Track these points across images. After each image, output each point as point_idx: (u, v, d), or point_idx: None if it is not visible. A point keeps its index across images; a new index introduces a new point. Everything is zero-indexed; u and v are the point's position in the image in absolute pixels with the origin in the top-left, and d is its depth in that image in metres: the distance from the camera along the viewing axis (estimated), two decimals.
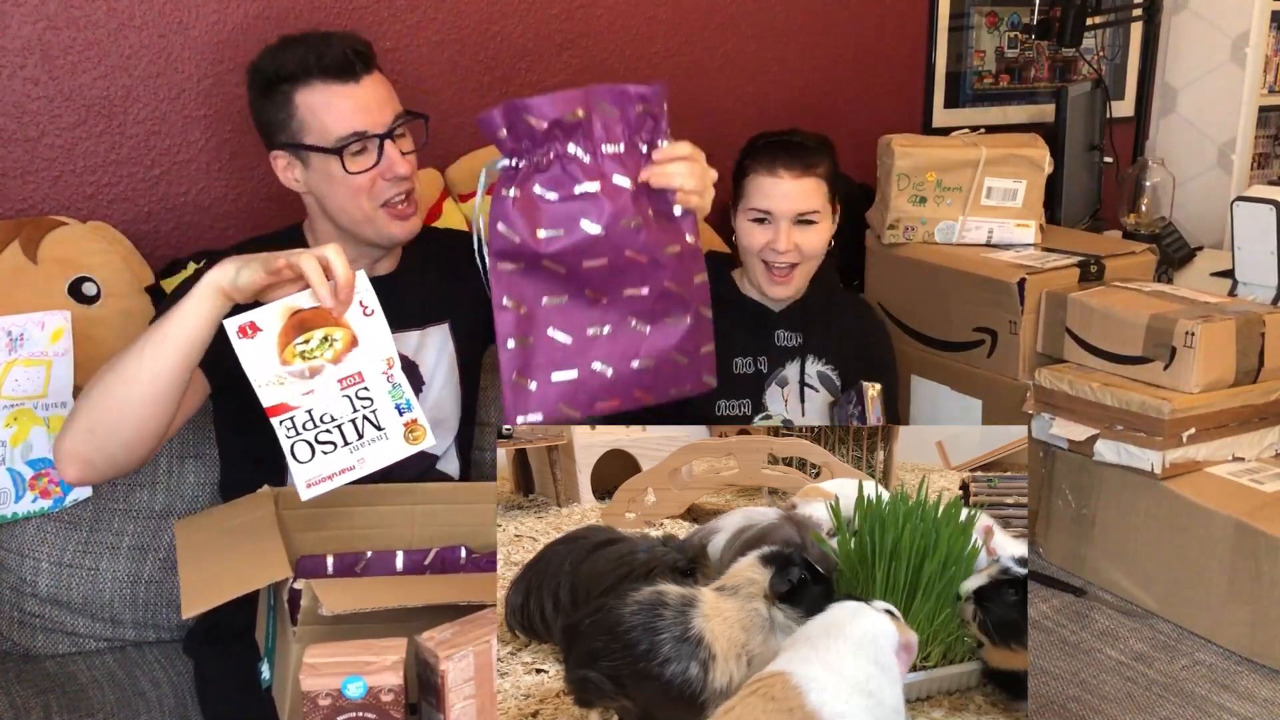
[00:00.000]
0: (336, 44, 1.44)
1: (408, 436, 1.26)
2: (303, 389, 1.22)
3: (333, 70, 1.43)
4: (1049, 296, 2.05)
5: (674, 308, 1.32)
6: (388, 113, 1.47)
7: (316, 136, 1.45)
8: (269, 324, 1.21)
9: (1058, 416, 1.98)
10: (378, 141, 1.45)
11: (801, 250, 1.81)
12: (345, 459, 1.24)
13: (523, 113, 1.23)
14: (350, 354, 1.23)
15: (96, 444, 1.29)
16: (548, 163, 1.25)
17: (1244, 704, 1.63)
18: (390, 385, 1.25)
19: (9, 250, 1.68)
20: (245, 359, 1.20)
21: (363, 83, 1.45)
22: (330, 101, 1.44)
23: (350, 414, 1.24)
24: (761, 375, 1.89)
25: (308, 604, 1.16)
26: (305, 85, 1.44)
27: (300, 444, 1.22)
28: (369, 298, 1.24)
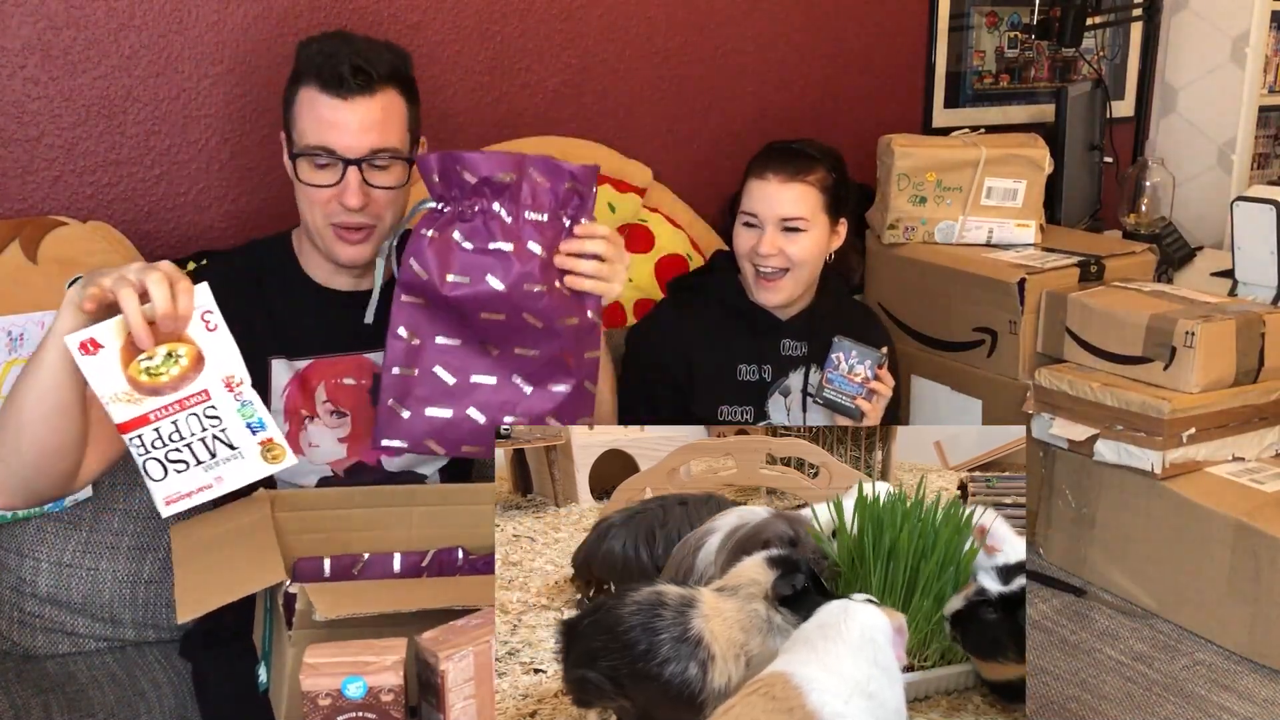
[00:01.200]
0: (346, 55, 1.41)
1: (265, 455, 1.23)
2: (150, 406, 1.18)
3: (325, 80, 1.41)
4: (1049, 296, 2.06)
5: (560, 375, 1.39)
6: (365, 140, 1.41)
7: (295, 135, 1.45)
8: (108, 340, 1.17)
9: (1058, 416, 1.98)
10: (342, 166, 1.41)
11: (788, 256, 1.80)
12: (200, 478, 1.21)
13: (457, 164, 1.31)
14: (196, 371, 1.20)
15: (9, 470, 1.27)
16: (471, 214, 1.33)
17: (1244, 704, 1.63)
18: (239, 403, 1.22)
19: (9, 250, 1.68)
20: (90, 376, 1.17)
21: (351, 102, 1.40)
22: (312, 109, 1.42)
23: (200, 433, 1.20)
24: (765, 384, 1.89)
25: (302, 608, 1.16)
26: (305, 84, 1.43)
27: (152, 462, 1.19)
28: (211, 313, 1.21)
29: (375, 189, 1.43)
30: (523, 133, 2.18)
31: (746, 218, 1.83)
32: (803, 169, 1.80)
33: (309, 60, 1.43)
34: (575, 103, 2.24)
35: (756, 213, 1.81)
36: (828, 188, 1.83)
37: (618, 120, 2.30)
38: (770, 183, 1.80)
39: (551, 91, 2.21)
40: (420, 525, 1.44)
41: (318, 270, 1.54)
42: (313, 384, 1.52)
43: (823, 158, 1.84)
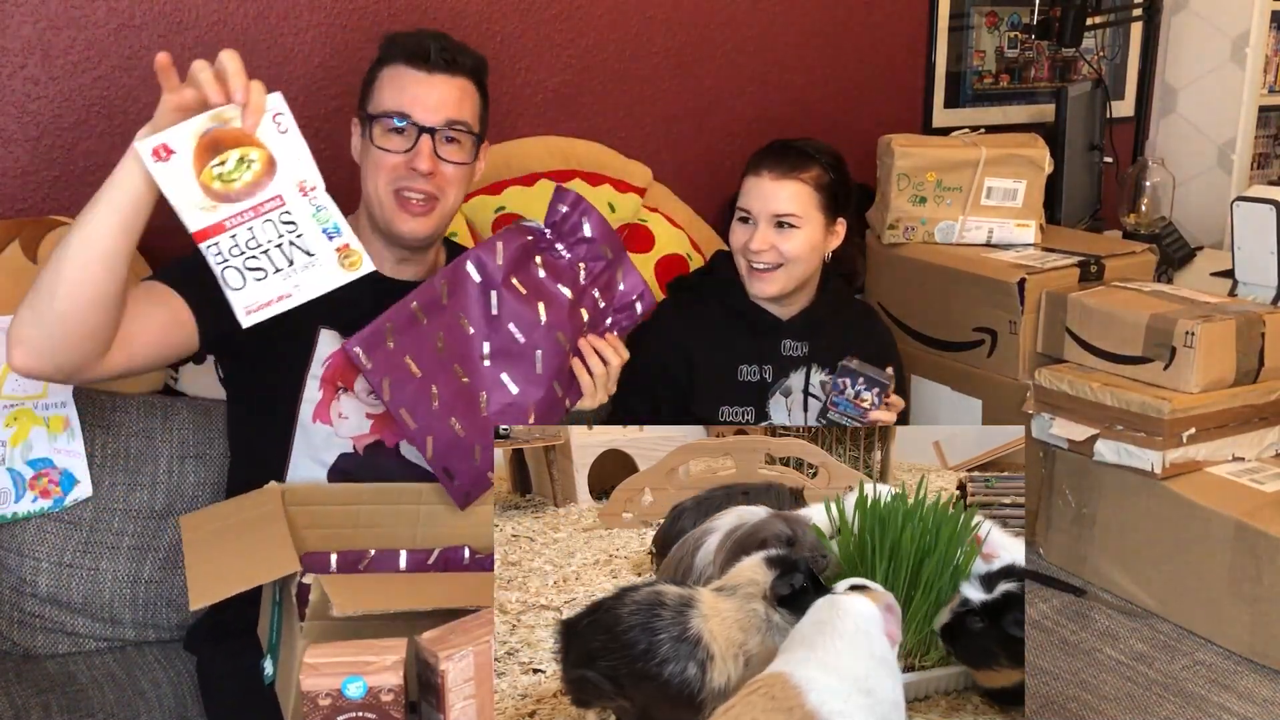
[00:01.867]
0: (432, 37, 1.50)
1: (342, 262, 1.21)
2: (226, 214, 1.17)
3: (410, 54, 1.49)
4: (1049, 296, 2.06)
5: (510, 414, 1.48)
6: (442, 111, 1.48)
7: (370, 104, 1.51)
8: (181, 145, 1.15)
9: (1058, 416, 1.98)
10: (417, 132, 1.46)
11: (780, 252, 1.80)
12: (279, 285, 1.19)
13: (585, 215, 1.51)
14: (269, 176, 1.18)
15: (35, 321, 1.24)
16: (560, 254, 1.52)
17: (1244, 704, 1.63)
18: (314, 208, 1.20)
19: (9, 250, 1.68)
20: (163, 183, 1.16)
21: (433, 77, 1.48)
22: (394, 78, 1.49)
23: (276, 239, 1.18)
24: (766, 384, 1.89)
25: (316, 599, 1.16)
26: (390, 63, 1.50)
27: (230, 270, 1.18)
28: (282, 115, 1.19)
29: (444, 162, 1.49)
30: (523, 132, 2.18)
31: (741, 213, 1.84)
32: (798, 166, 1.81)
33: (397, 43, 1.51)
34: (575, 103, 2.24)
35: (750, 209, 1.82)
36: (823, 186, 1.82)
37: (618, 120, 2.30)
38: (764, 179, 1.81)
39: (551, 91, 2.21)
40: (427, 524, 1.44)
41: (374, 255, 1.53)
42: (354, 370, 1.53)
43: (819, 156, 1.84)
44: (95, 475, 1.65)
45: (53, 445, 1.63)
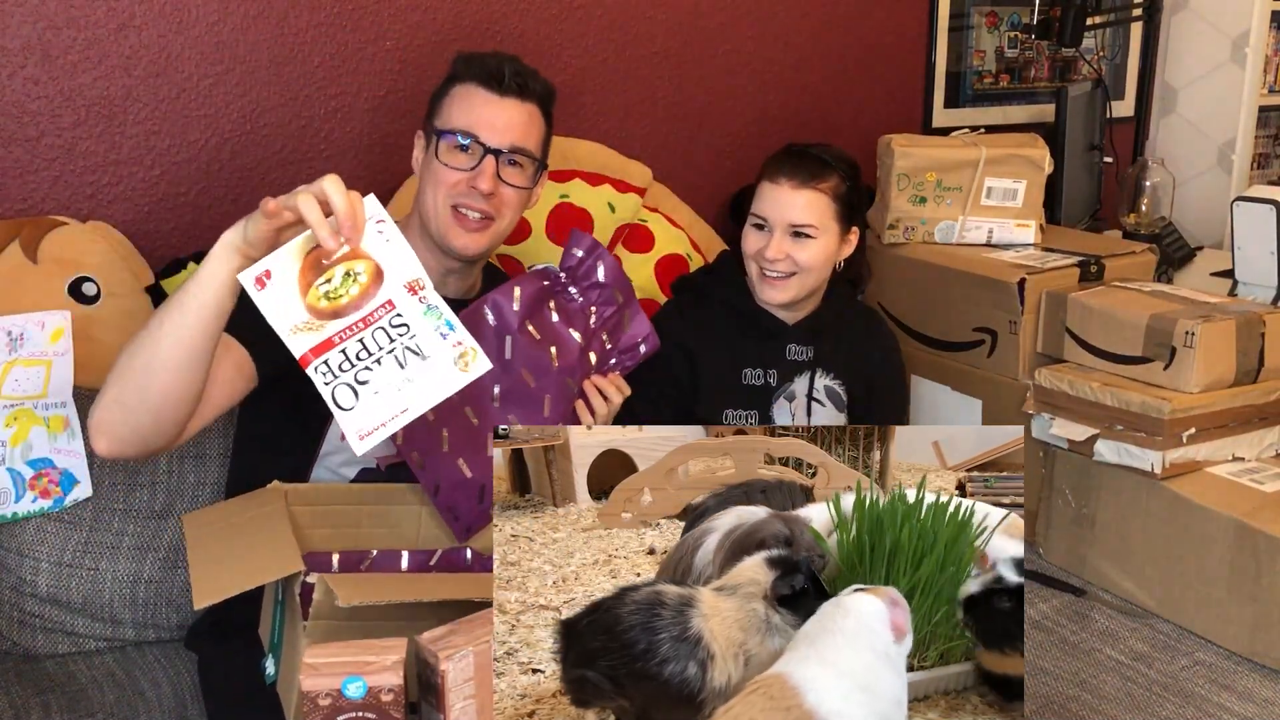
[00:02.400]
0: (507, 62, 1.54)
1: (458, 362, 1.13)
2: (334, 330, 1.11)
3: (483, 76, 1.53)
4: (1049, 296, 2.05)
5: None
6: (509, 135, 1.52)
7: (438, 120, 1.55)
8: (284, 268, 1.12)
9: (1058, 416, 1.98)
10: (482, 152, 1.51)
11: (795, 261, 1.79)
12: (393, 400, 1.11)
13: (600, 260, 1.55)
14: (377, 285, 1.12)
15: (123, 414, 1.25)
16: (573, 297, 1.55)
17: (1244, 704, 1.63)
18: (425, 308, 1.13)
19: (9, 250, 1.68)
20: (266, 310, 1.12)
21: (504, 100, 1.52)
22: (465, 97, 1.53)
23: (388, 346, 1.12)
24: (770, 389, 1.89)
25: (320, 597, 1.16)
26: (463, 82, 1.55)
27: (341, 389, 1.11)
28: (384, 223, 1.14)
29: (505, 184, 1.53)
30: None
31: (756, 219, 1.82)
32: (816, 175, 1.79)
33: (471, 64, 1.55)
34: (575, 103, 2.24)
35: (766, 216, 1.80)
36: (840, 196, 1.81)
37: (618, 120, 2.30)
38: (782, 187, 1.79)
39: None
40: (429, 524, 1.44)
41: (429, 260, 1.56)
42: None
43: (838, 165, 1.82)
44: (95, 475, 1.65)
45: (53, 445, 1.63)
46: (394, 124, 2.04)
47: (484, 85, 1.53)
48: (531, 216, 2.08)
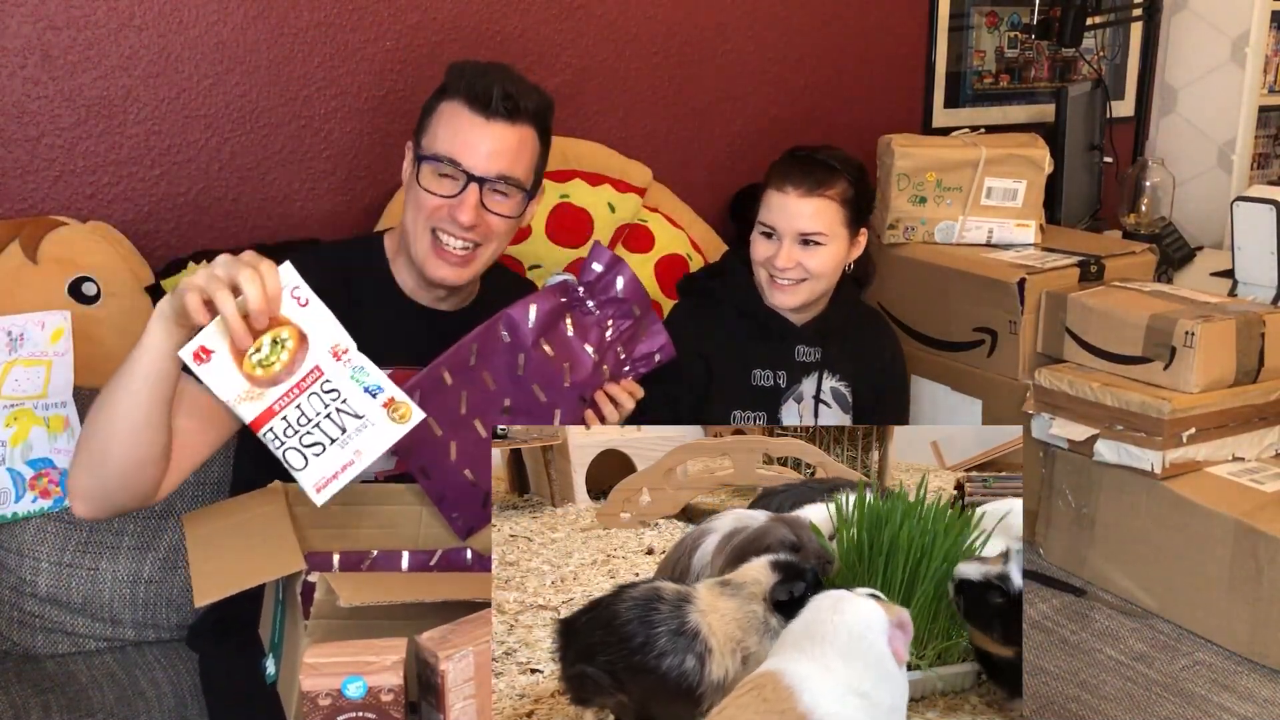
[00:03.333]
0: (498, 80, 1.43)
1: (392, 416, 1.22)
2: (273, 397, 1.19)
3: (472, 97, 1.43)
4: (1049, 296, 2.05)
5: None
6: (495, 163, 1.43)
7: (424, 141, 1.46)
8: (216, 343, 1.17)
9: (1058, 416, 1.98)
10: (465, 180, 1.43)
11: (806, 269, 1.79)
12: (339, 455, 1.21)
13: (619, 274, 1.50)
14: (303, 350, 1.20)
15: (91, 480, 1.28)
16: (589, 310, 1.51)
17: (1244, 704, 1.63)
18: (351, 370, 1.22)
19: (9, 250, 1.69)
20: (210, 383, 1.18)
21: (491, 124, 1.43)
22: (452, 120, 1.44)
23: (324, 410, 1.20)
24: (779, 390, 1.88)
25: (322, 596, 1.16)
26: (451, 98, 1.45)
27: (290, 452, 1.20)
28: (299, 289, 1.21)
29: (490, 213, 1.45)
30: None
31: (764, 228, 1.81)
32: (824, 182, 1.77)
33: (461, 77, 1.45)
34: (575, 103, 2.24)
35: (774, 226, 1.79)
36: (848, 201, 1.80)
37: (618, 120, 2.30)
38: (790, 196, 1.77)
39: (551, 91, 2.20)
40: (429, 524, 1.44)
41: (407, 280, 1.54)
42: None
43: (844, 169, 1.80)
44: None
45: (53, 445, 1.63)
46: (393, 124, 2.04)
47: (471, 106, 1.43)
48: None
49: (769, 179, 1.82)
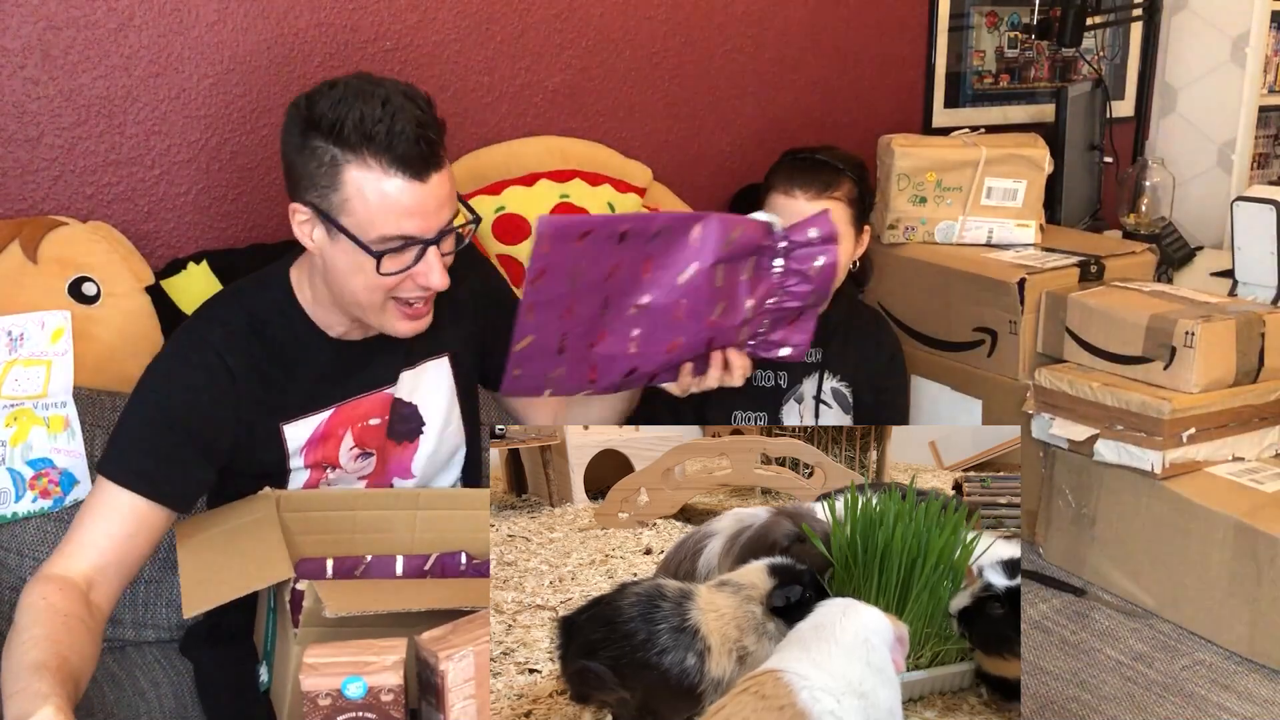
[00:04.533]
0: (413, 127, 1.23)
1: None
2: None
3: (401, 162, 1.23)
4: (1049, 296, 2.05)
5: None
6: (444, 215, 1.28)
7: (357, 224, 1.25)
8: None
9: (1058, 416, 1.98)
10: (420, 248, 1.27)
11: None
12: None
13: (825, 255, 1.43)
14: None
15: None
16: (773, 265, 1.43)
17: (1244, 704, 1.63)
18: None
19: (9, 250, 1.69)
20: None
21: (429, 181, 1.25)
22: (386, 196, 1.23)
23: None
24: (780, 390, 1.89)
25: (310, 605, 1.16)
26: (363, 164, 1.23)
27: None
28: None
29: (446, 256, 1.32)
30: (523, 132, 2.18)
31: None
32: (830, 184, 1.78)
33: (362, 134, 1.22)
34: (575, 103, 2.24)
35: None
36: (854, 201, 1.81)
37: (618, 120, 2.30)
38: (797, 200, 1.77)
39: (551, 91, 2.21)
40: (423, 529, 1.44)
41: (334, 325, 1.42)
42: (339, 434, 1.44)
43: (848, 169, 1.81)
44: (95, 475, 1.65)
45: (53, 445, 1.63)
46: None
47: (402, 173, 1.23)
48: (532, 216, 2.08)
49: (772, 183, 1.82)
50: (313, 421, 1.41)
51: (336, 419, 1.43)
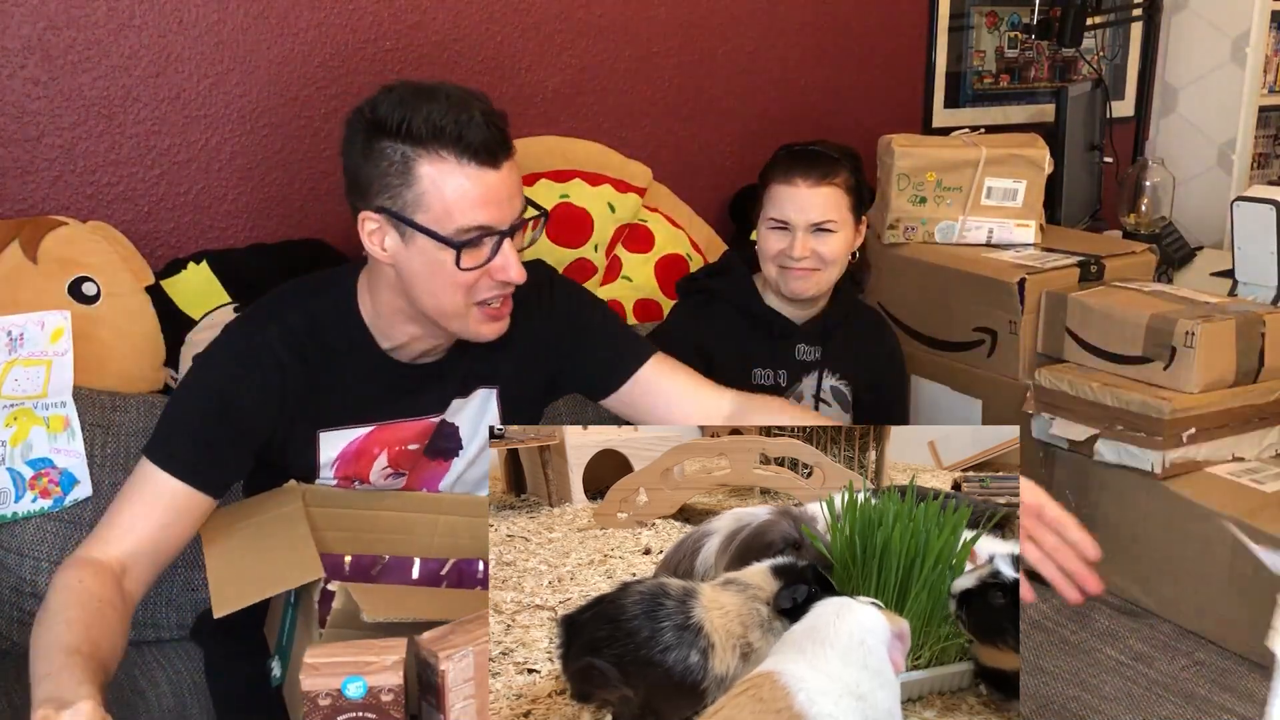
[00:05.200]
0: (480, 115, 1.24)
1: None
2: None
3: (474, 150, 1.23)
4: (1049, 296, 2.05)
5: None
6: (516, 205, 1.28)
7: (434, 219, 1.24)
8: None
9: (1058, 416, 1.98)
10: (497, 240, 1.26)
11: (820, 257, 1.80)
12: None
13: None
14: None
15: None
16: None
17: (1244, 704, 1.63)
18: None
19: (9, 250, 1.69)
20: None
21: (502, 169, 1.25)
22: (463, 186, 1.23)
23: None
24: (780, 389, 1.89)
25: (340, 606, 1.16)
26: (436, 157, 1.23)
27: None
28: None
29: (522, 251, 1.32)
30: (523, 133, 2.18)
31: (775, 223, 1.83)
32: (830, 172, 1.81)
33: (434, 129, 1.23)
34: (575, 103, 2.24)
35: (787, 219, 1.81)
36: (852, 188, 1.84)
37: (618, 120, 2.30)
38: (799, 188, 1.80)
39: (551, 91, 2.21)
40: (444, 534, 1.43)
41: (392, 340, 1.38)
42: (374, 452, 1.42)
43: (844, 159, 1.84)
44: (95, 475, 1.65)
45: (53, 445, 1.63)
46: None
47: (476, 161, 1.23)
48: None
49: (771, 175, 1.84)
50: (350, 435, 1.39)
51: (374, 437, 1.40)
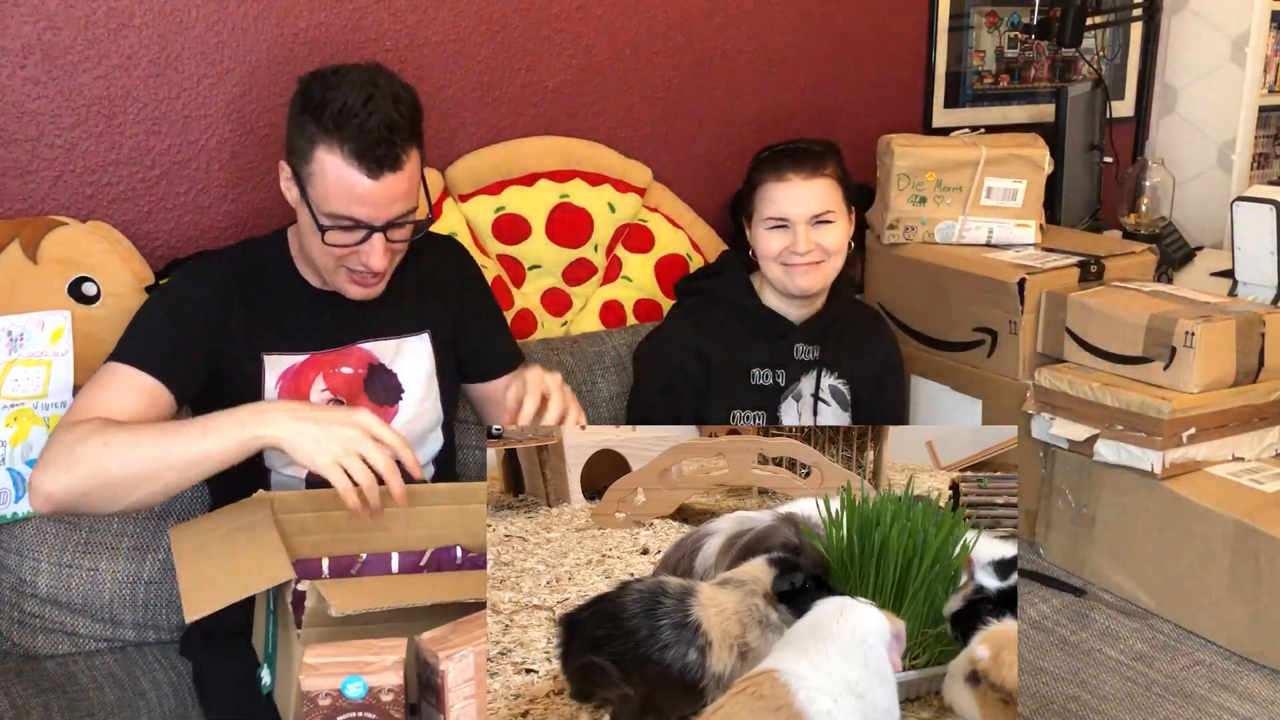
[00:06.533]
0: (378, 128, 1.37)
1: None
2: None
3: (359, 156, 1.38)
4: (1049, 296, 2.05)
5: None
6: (397, 208, 1.43)
7: (316, 196, 1.42)
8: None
9: (1058, 416, 1.98)
10: (366, 231, 1.43)
11: (823, 248, 1.82)
12: None
13: None
14: None
15: (84, 503, 1.34)
16: None
17: (1244, 704, 1.63)
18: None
19: (9, 250, 1.69)
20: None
21: (382, 180, 1.39)
22: (340, 180, 1.39)
23: None
24: (779, 388, 1.89)
25: (313, 605, 1.16)
26: (333, 147, 1.39)
27: None
28: None
29: (395, 244, 1.48)
30: (523, 132, 2.18)
31: (772, 222, 1.83)
32: (819, 164, 1.83)
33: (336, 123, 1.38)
34: (575, 103, 2.24)
35: (786, 215, 1.81)
36: (840, 179, 1.86)
37: (618, 120, 2.30)
38: (794, 183, 1.81)
39: (551, 91, 2.21)
40: (418, 525, 1.44)
41: (314, 276, 1.58)
42: (310, 376, 1.56)
43: (826, 151, 1.86)
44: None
45: None
46: None
47: (358, 165, 1.38)
48: (531, 216, 2.09)
49: (761, 176, 1.85)
50: (289, 360, 1.55)
51: (310, 362, 1.57)
